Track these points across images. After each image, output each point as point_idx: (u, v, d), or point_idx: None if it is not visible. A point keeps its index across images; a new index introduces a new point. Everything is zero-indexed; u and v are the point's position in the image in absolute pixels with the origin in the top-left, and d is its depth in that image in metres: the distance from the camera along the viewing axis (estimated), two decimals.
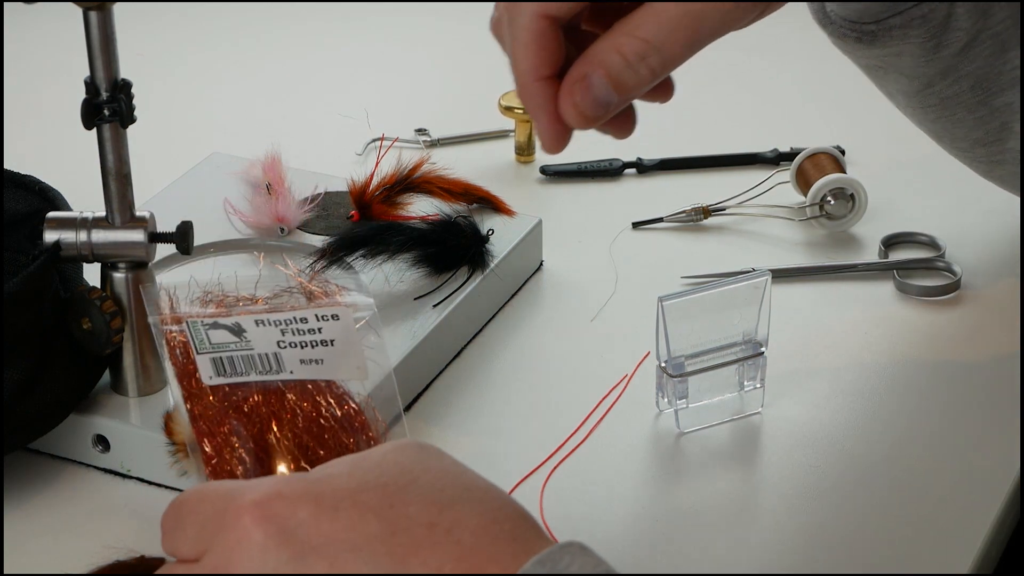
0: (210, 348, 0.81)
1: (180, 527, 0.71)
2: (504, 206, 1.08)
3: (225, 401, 0.81)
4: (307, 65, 1.37)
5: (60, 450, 0.92)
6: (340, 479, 0.69)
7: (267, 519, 0.67)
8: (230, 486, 0.71)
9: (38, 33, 1.39)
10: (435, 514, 0.67)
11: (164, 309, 0.82)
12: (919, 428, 0.94)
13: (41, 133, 1.26)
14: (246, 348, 0.81)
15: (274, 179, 1.08)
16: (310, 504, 0.68)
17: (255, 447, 0.80)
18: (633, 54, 0.74)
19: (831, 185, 1.11)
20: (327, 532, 0.67)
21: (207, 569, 0.69)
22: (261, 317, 0.80)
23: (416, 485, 0.69)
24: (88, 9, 0.85)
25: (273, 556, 0.67)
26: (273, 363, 0.81)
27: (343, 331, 0.81)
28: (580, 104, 0.75)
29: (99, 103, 0.87)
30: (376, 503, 0.68)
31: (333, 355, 0.81)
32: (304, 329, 0.80)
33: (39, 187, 0.95)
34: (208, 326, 0.80)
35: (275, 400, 0.81)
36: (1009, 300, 1.05)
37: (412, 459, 0.70)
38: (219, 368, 0.81)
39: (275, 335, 0.80)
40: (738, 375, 0.94)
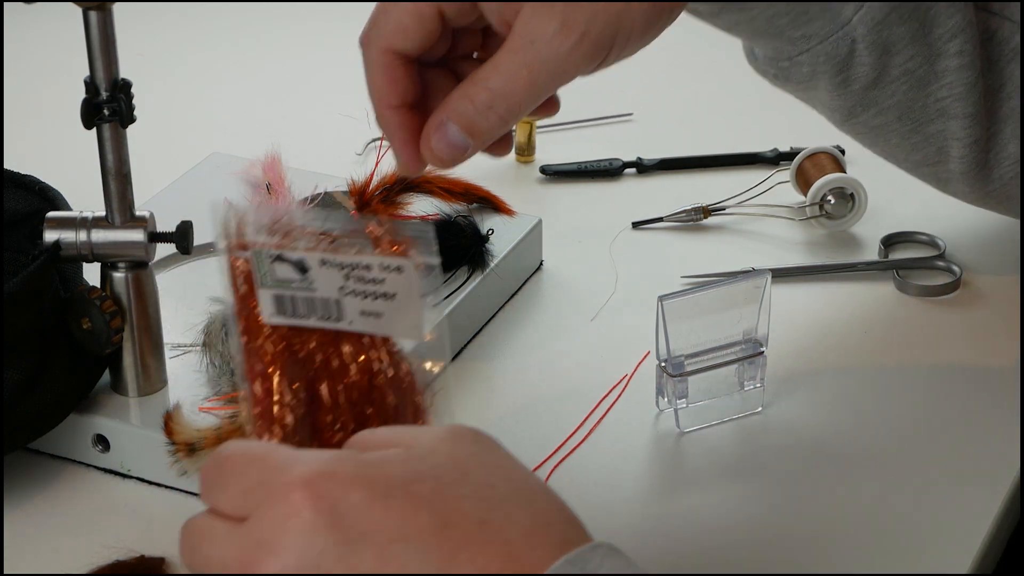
0: (273, 283, 0.77)
1: (223, 483, 0.70)
2: (504, 206, 1.08)
3: (282, 343, 0.77)
4: (307, 65, 1.37)
5: (60, 450, 0.92)
6: (394, 466, 0.68)
7: (318, 498, 0.66)
8: (279, 454, 0.70)
9: (38, 33, 1.39)
10: (486, 511, 0.67)
11: (231, 232, 0.78)
12: (919, 428, 0.94)
13: (41, 133, 1.26)
14: (309, 289, 0.77)
15: (274, 179, 1.08)
16: (363, 489, 0.67)
17: (305, 397, 0.77)
18: (481, 103, 0.81)
19: (831, 185, 1.11)
20: (378, 520, 0.66)
21: (250, 537, 0.68)
22: (326, 257, 0.77)
23: (469, 479, 0.68)
24: (88, 9, 0.85)
25: (321, 537, 0.66)
26: (334, 310, 0.78)
27: (405, 286, 0.78)
28: (437, 149, 0.82)
29: (99, 103, 0.87)
30: (429, 495, 0.67)
31: (393, 310, 0.78)
32: (367, 278, 0.77)
33: (39, 187, 0.95)
34: (273, 258, 0.77)
35: (332, 350, 0.78)
36: (1009, 300, 1.05)
37: (466, 451, 0.70)
38: (281, 306, 0.77)
39: (338, 279, 0.77)
40: (738, 375, 0.94)
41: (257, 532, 0.67)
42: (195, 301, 0.99)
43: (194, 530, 0.70)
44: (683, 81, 1.34)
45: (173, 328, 0.96)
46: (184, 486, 0.89)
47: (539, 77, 0.80)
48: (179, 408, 0.88)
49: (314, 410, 0.77)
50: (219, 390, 0.91)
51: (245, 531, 0.68)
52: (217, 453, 0.72)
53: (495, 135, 0.82)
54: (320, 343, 0.78)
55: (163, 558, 0.85)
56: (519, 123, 1.20)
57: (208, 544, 0.69)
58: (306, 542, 0.66)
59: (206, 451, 0.86)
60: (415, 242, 0.78)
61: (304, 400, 0.76)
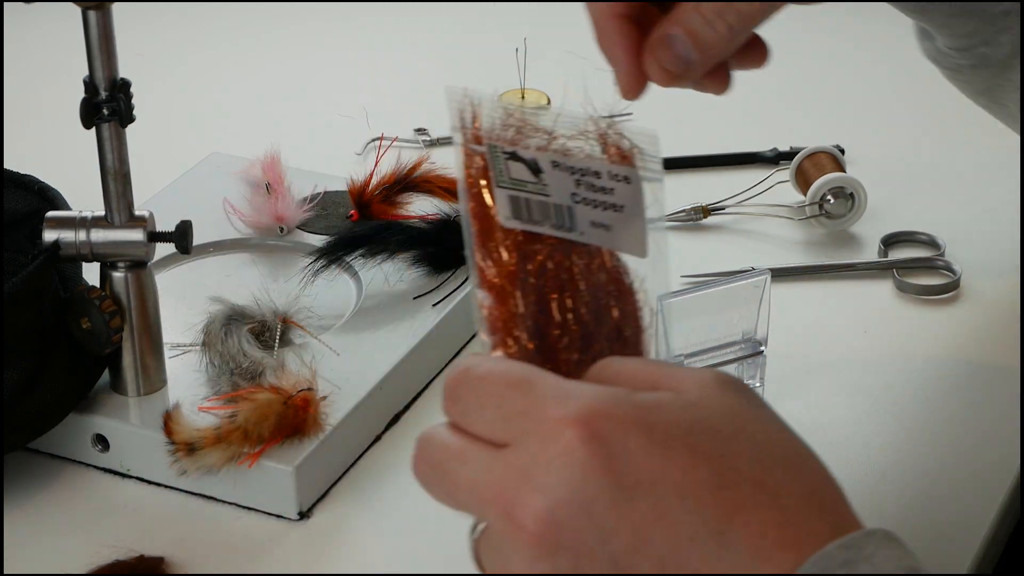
0: (509, 183, 0.73)
1: (478, 404, 0.66)
2: None
3: (517, 250, 0.73)
4: (307, 65, 1.37)
5: (60, 450, 0.92)
6: (671, 411, 0.65)
7: (595, 438, 0.63)
8: (547, 382, 0.66)
9: (38, 33, 1.39)
10: (763, 472, 0.64)
11: (467, 122, 0.74)
12: (918, 427, 0.94)
13: (41, 133, 1.26)
14: (542, 193, 0.73)
15: (273, 179, 1.08)
16: (642, 434, 0.64)
17: (535, 309, 0.73)
18: (710, 11, 0.79)
19: (831, 184, 1.11)
20: (658, 470, 0.63)
21: (512, 468, 0.64)
22: (557, 159, 0.72)
23: (744, 435, 0.65)
24: (87, 8, 0.85)
25: (596, 479, 0.63)
26: (566, 218, 0.73)
27: (632, 197, 0.73)
28: (662, 59, 0.79)
29: (98, 102, 0.87)
30: (708, 448, 0.64)
31: (619, 222, 0.73)
32: (597, 186, 0.73)
33: (39, 187, 0.95)
34: (507, 156, 0.72)
35: (563, 261, 0.74)
36: (1009, 300, 1.04)
37: (739, 404, 0.66)
38: (517, 209, 0.73)
39: (569, 185, 0.73)
40: (738, 374, 0.94)
41: (521, 463, 0.64)
42: (195, 301, 0.99)
43: (441, 448, 0.67)
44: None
45: (173, 328, 0.96)
46: (184, 486, 0.89)
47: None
48: (179, 408, 0.89)
49: (543, 323, 0.73)
50: (219, 390, 0.91)
51: (506, 460, 0.65)
52: (467, 370, 0.68)
53: (721, 50, 0.80)
54: (551, 253, 0.74)
55: (163, 558, 0.85)
56: None
57: (459, 465, 0.66)
58: (579, 482, 0.63)
59: (206, 451, 0.86)
60: (642, 151, 0.73)
61: (535, 312, 0.73)
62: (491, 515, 0.65)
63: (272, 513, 0.88)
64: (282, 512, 0.88)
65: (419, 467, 0.68)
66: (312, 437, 0.88)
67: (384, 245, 1.00)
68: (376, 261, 1.01)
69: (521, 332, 0.72)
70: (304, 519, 0.88)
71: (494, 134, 0.73)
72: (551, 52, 1.28)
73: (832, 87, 1.31)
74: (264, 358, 0.93)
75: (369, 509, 0.89)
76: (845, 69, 1.35)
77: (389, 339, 0.96)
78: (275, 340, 0.95)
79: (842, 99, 1.29)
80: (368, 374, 0.93)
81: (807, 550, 0.62)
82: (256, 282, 1.01)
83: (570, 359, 0.73)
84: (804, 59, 1.35)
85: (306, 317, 0.96)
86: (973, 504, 0.88)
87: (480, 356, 0.70)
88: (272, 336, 0.95)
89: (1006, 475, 0.90)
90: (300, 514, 0.88)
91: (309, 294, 0.99)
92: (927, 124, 1.26)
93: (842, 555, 0.62)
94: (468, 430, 0.67)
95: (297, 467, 0.87)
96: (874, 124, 1.25)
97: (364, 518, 0.89)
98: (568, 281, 0.74)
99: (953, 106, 1.28)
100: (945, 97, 1.29)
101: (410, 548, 0.87)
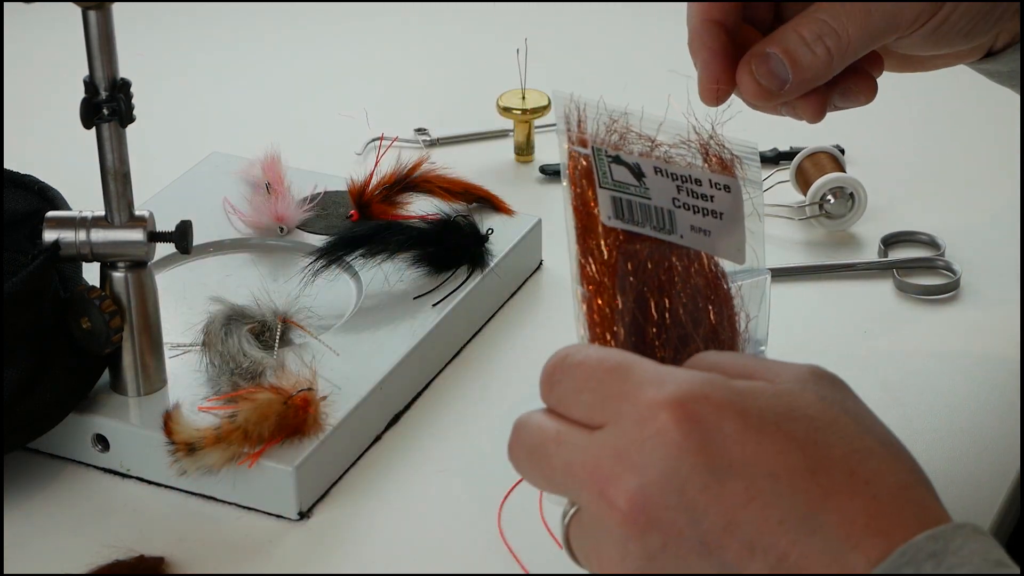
0: (612, 185, 0.75)
1: (575, 388, 0.68)
2: (503, 205, 1.08)
3: (619, 251, 0.75)
4: (307, 65, 1.37)
5: (60, 450, 0.92)
6: (766, 398, 0.66)
7: (690, 420, 0.64)
8: (644, 367, 0.67)
9: (38, 33, 1.39)
10: (856, 462, 0.65)
11: (573, 124, 0.76)
12: (918, 427, 0.94)
13: (41, 133, 1.26)
14: (644, 196, 0.75)
15: (273, 178, 1.08)
16: (736, 418, 0.65)
17: (634, 306, 0.74)
18: (810, 33, 0.81)
19: (831, 184, 1.11)
20: (751, 453, 0.64)
21: (607, 447, 0.65)
22: (659, 165, 0.75)
23: (838, 425, 0.66)
24: (87, 8, 0.85)
25: (689, 460, 0.64)
26: (667, 221, 0.75)
27: (732, 205, 0.76)
28: (756, 72, 0.82)
29: (98, 102, 0.87)
30: (802, 435, 0.65)
31: (719, 228, 0.76)
32: (698, 192, 0.75)
33: (39, 187, 0.95)
34: (611, 159, 0.75)
35: (662, 262, 0.76)
36: (1009, 300, 1.05)
37: (832, 395, 0.68)
38: (618, 209, 0.75)
39: (671, 190, 0.75)
40: None
41: (616, 443, 0.65)
42: (195, 301, 0.99)
43: (537, 430, 0.68)
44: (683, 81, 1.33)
45: (173, 328, 0.96)
46: (184, 486, 0.89)
47: (875, 15, 0.80)
48: (179, 408, 0.89)
49: (641, 321, 0.74)
50: (219, 390, 0.91)
51: (601, 440, 0.66)
52: (565, 356, 0.69)
53: (817, 75, 0.82)
54: (651, 253, 0.75)
55: (163, 558, 0.85)
56: (518, 122, 1.20)
57: (555, 447, 0.67)
58: (672, 463, 0.64)
59: (206, 451, 0.86)
60: (742, 161, 0.76)
61: (633, 309, 0.74)
62: (584, 495, 0.66)
63: (272, 513, 0.88)
64: (282, 512, 0.88)
65: (515, 452, 0.69)
66: (312, 437, 0.88)
67: (384, 245, 1.00)
68: (376, 261, 1.01)
69: (620, 328, 0.74)
70: (304, 519, 0.88)
71: (599, 138, 0.75)
72: (552, 52, 1.29)
73: None
74: (264, 358, 0.93)
75: (369, 509, 0.89)
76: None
77: (389, 339, 0.96)
78: (275, 340, 0.95)
79: None
80: (368, 374, 0.93)
81: (896, 539, 0.63)
82: (256, 282, 1.01)
83: (666, 357, 0.74)
84: None
85: (306, 317, 0.97)
86: (973, 504, 0.88)
87: (577, 345, 0.71)
88: (272, 336, 0.95)
89: (1006, 475, 0.90)
90: (300, 514, 0.88)
91: (309, 294, 0.99)
92: (927, 124, 1.26)
93: (930, 546, 0.63)
94: (565, 415, 0.68)
95: (297, 467, 0.87)
96: (874, 124, 1.25)
97: (364, 518, 0.89)
98: (667, 282, 0.75)
99: (953, 106, 1.28)
100: (945, 97, 1.29)
101: (410, 548, 0.87)
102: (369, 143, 1.23)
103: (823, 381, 0.69)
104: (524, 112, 1.18)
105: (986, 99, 1.29)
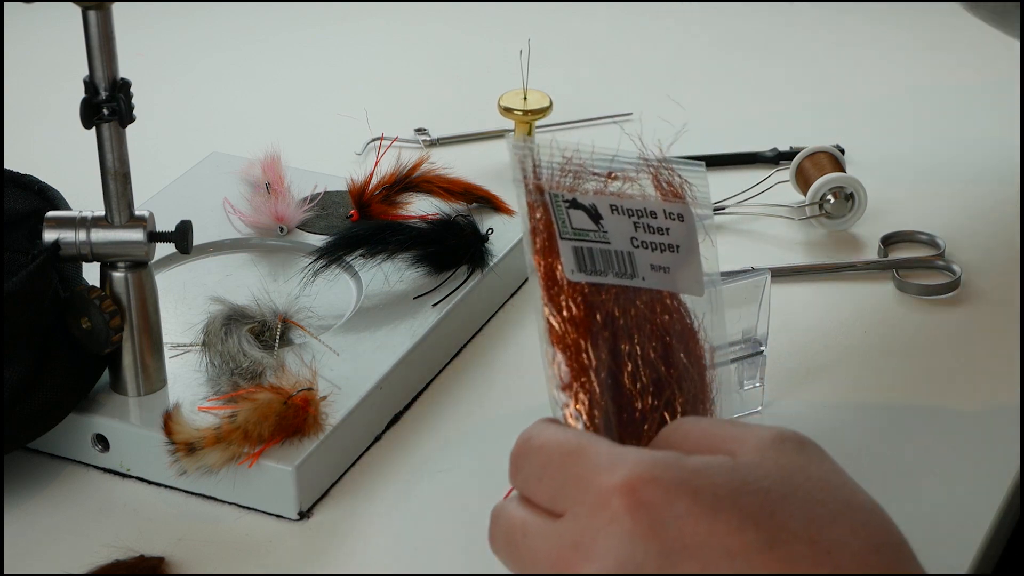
0: (572, 234, 0.74)
1: (536, 474, 0.69)
2: (504, 205, 1.08)
3: (586, 304, 0.74)
4: (307, 65, 1.37)
5: (60, 450, 0.92)
6: (721, 475, 0.66)
7: (641, 507, 0.64)
8: (599, 449, 0.67)
9: (38, 33, 1.39)
10: (816, 530, 0.64)
11: (528, 171, 0.74)
12: (918, 427, 0.94)
13: (41, 133, 1.26)
14: (603, 240, 0.74)
15: (273, 179, 1.08)
16: (687, 498, 0.64)
17: (608, 359, 0.73)
18: None
19: (831, 184, 1.11)
20: (704, 533, 0.64)
21: (566, 537, 0.66)
22: (616, 202, 0.73)
23: (798, 494, 0.66)
24: (87, 9, 0.85)
25: (642, 547, 0.64)
26: (628, 264, 0.74)
27: (687, 235, 0.75)
28: None
29: (98, 102, 0.87)
30: (757, 510, 0.65)
31: (677, 263, 0.75)
32: (653, 227, 0.74)
33: (39, 187, 0.95)
34: (568, 204, 0.73)
35: (629, 309, 0.75)
36: (1009, 299, 1.04)
37: (794, 462, 0.67)
38: (580, 261, 0.74)
39: (628, 229, 0.74)
40: (737, 374, 0.94)
41: (574, 533, 0.66)
42: (195, 301, 0.99)
43: (507, 521, 0.69)
44: (683, 81, 1.33)
45: (173, 328, 0.96)
46: (184, 486, 0.89)
47: None
48: (179, 408, 0.89)
49: (616, 373, 0.74)
50: (219, 390, 0.91)
51: (561, 530, 0.67)
52: (528, 440, 0.70)
53: None
54: (616, 300, 0.74)
55: (163, 558, 0.85)
56: (519, 123, 1.20)
57: (522, 536, 0.68)
58: (626, 550, 0.64)
59: (206, 451, 0.86)
60: (691, 185, 0.74)
61: (607, 363, 0.73)
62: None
63: (272, 513, 0.88)
64: (282, 512, 0.88)
65: (493, 542, 0.71)
66: (312, 437, 0.88)
67: (384, 245, 1.00)
68: (376, 261, 1.01)
69: (594, 384, 0.73)
70: (304, 519, 0.88)
71: (554, 182, 0.73)
72: (552, 53, 1.29)
73: (832, 87, 1.31)
74: (264, 358, 0.93)
75: (369, 509, 0.89)
76: (845, 69, 1.35)
77: (389, 339, 0.96)
78: (275, 340, 0.95)
79: (842, 99, 1.29)
80: (368, 374, 0.93)
81: None
82: (256, 282, 1.01)
83: (646, 405, 0.74)
84: (804, 59, 1.35)
85: (306, 317, 0.97)
86: (973, 504, 0.88)
87: (541, 424, 0.72)
88: (272, 336, 0.95)
89: (1006, 475, 0.90)
90: (300, 514, 0.88)
91: (309, 294, 0.99)
92: (927, 124, 1.26)
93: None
94: (532, 499, 0.69)
95: (297, 467, 0.87)
96: (874, 124, 1.25)
97: (364, 518, 0.89)
98: (635, 327, 0.74)
99: (953, 106, 1.28)
100: (945, 98, 1.29)
101: (410, 548, 0.87)
102: (369, 143, 1.23)
103: (787, 445, 0.68)
104: (525, 113, 1.18)
105: (986, 99, 1.29)
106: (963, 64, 1.33)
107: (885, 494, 0.89)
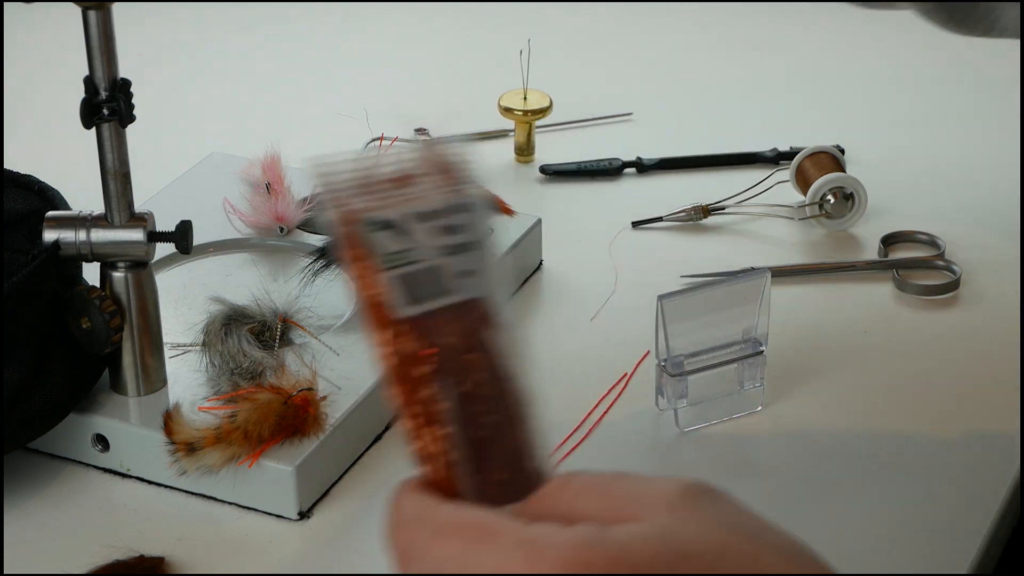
0: (386, 261, 0.66)
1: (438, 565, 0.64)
2: (504, 205, 1.08)
3: (418, 344, 0.67)
4: (306, 64, 1.37)
5: (60, 450, 0.92)
6: (650, 547, 0.63)
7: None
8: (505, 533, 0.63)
9: (38, 33, 1.39)
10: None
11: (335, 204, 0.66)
12: (918, 427, 0.94)
13: (41, 133, 1.26)
14: (418, 260, 0.66)
15: (273, 179, 1.08)
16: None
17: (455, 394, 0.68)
18: None
19: (831, 184, 1.11)
20: None
21: None
22: (413, 208, 0.66)
23: (730, 550, 0.64)
24: (87, 9, 0.85)
25: None
26: (442, 279, 0.67)
27: (479, 225, 0.68)
28: None
29: (98, 102, 0.87)
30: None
31: (478, 262, 0.68)
32: (453, 226, 0.67)
33: (39, 187, 0.95)
34: (376, 226, 0.66)
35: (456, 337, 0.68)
36: (1009, 300, 1.05)
37: (712, 513, 0.65)
38: (406, 290, 0.66)
39: (433, 235, 0.67)
40: (738, 374, 0.94)
41: None
42: (195, 301, 0.99)
43: None
44: (683, 81, 1.34)
45: (173, 328, 0.96)
46: (183, 486, 0.89)
47: None
48: (179, 408, 0.89)
49: (471, 432, 0.68)
50: (218, 390, 0.91)
51: None
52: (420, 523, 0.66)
53: None
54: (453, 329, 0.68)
55: (163, 557, 0.85)
56: (519, 123, 1.20)
57: None
58: None
59: (205, 451, 0.86)
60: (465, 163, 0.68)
61: (456, 399, 0.68)
62: None
63: (272, 513, 0.88)
64: (282, 512, 0.88)
65: None
66: (312, 437, 0.88)
67: None
68: None
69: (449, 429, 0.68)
70: (304, 519, 0.88)
71: (357, 204, 0.66)
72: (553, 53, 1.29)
73: (832, 87, 1.31)
74: (264, 358, 0.93)
75: (369, 509, 0.89)
76: (845, 69, 1.35)
77: None
78: (275, 340, 0.95)
79: (842, 99, 1.29)
80: (368, 374, 0.93)
81: None
82: (256, 282, 1.01)
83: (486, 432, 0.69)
84: (804, 59, 1.35)
85: (306, 317, 0.96)
86: (973, 504, 0.88)
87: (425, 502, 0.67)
88: (272, 336, 0.95)
89: (1006, 475, 0.90)
90: (300, 514, 0.88)
91: (309, 294, 0.99)
92: (927, 124, 1.26)
93: None
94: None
95: (297, 467, 0.87)
96: (874, 124, 1.25)
97: (364, 518, 0.88)
98: (465, 356, 0.68)
99: (953, 106, 1.28)
100: (945, 97, 1.29)
101: None
102: (369, 143, 1.23)
103: (699, 500, 0.66)
104: (525, 113, 1.18)
105: (986, 100, 1.29)
106: (963, 64, 1.33)
107: (885, 494, 0.89)
